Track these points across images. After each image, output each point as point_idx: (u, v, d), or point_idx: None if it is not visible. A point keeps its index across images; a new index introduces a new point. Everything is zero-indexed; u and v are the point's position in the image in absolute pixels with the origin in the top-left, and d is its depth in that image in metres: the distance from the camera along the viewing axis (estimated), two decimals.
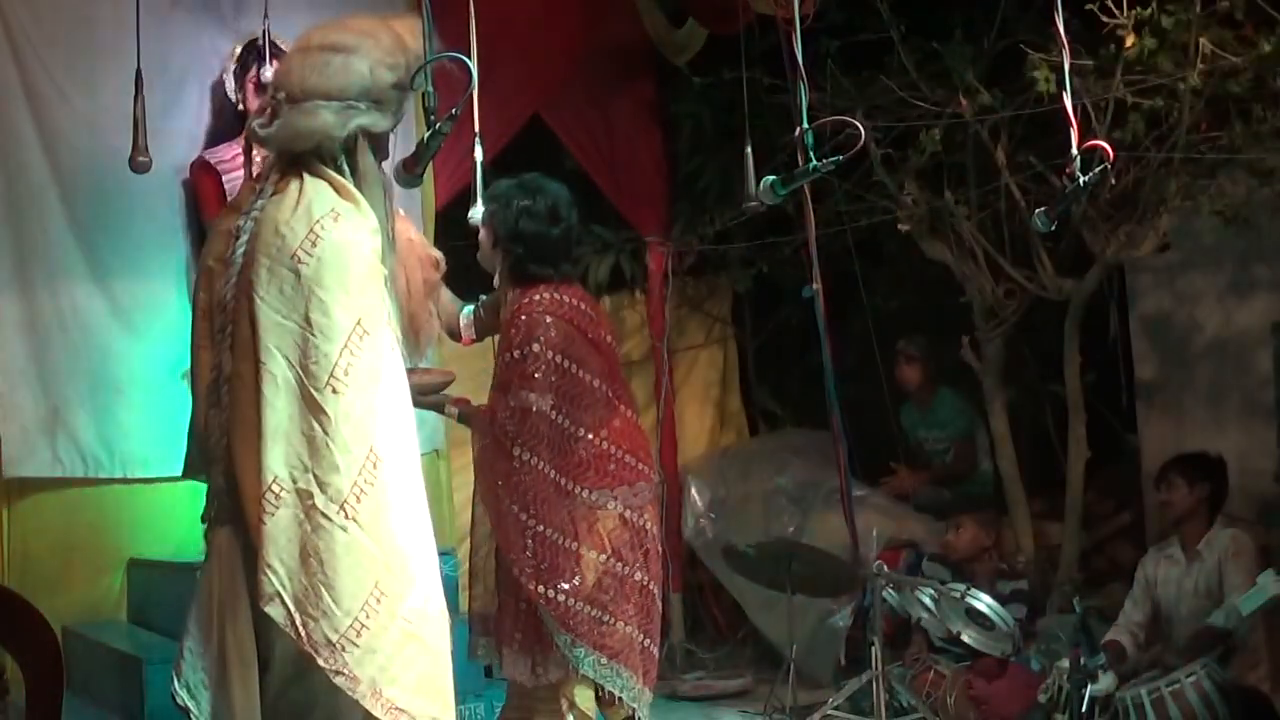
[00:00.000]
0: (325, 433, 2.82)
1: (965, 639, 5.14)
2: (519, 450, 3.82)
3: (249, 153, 3.36)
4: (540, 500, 3.81)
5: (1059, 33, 3.92)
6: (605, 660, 3.79)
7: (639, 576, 3.89)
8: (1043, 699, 4.85)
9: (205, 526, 3.06)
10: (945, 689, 5.18)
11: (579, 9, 6.26)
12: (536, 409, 3.82)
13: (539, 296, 3.93)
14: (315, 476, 2.82)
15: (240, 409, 2.91)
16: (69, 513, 5.33)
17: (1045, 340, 6.66)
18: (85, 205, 5.28)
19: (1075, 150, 3.72)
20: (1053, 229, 4.16)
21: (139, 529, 5.46)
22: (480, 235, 4.08)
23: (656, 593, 3.96)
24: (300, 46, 3.04)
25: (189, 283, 5.40)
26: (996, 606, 5.07)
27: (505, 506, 3.84)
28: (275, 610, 2.82)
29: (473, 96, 3.76)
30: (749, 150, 4.97)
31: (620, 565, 3.86)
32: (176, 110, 5.45)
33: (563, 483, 3.84)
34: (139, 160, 4.56)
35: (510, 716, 4.04)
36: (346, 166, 3.00)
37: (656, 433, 6.77)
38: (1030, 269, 6.08)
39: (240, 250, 2.99)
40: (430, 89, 3.11)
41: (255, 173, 3.21)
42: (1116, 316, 6.43)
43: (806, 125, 3.56)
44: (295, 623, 2.81)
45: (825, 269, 5.68)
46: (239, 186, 4.99)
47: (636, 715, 3.91)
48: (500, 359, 3.94)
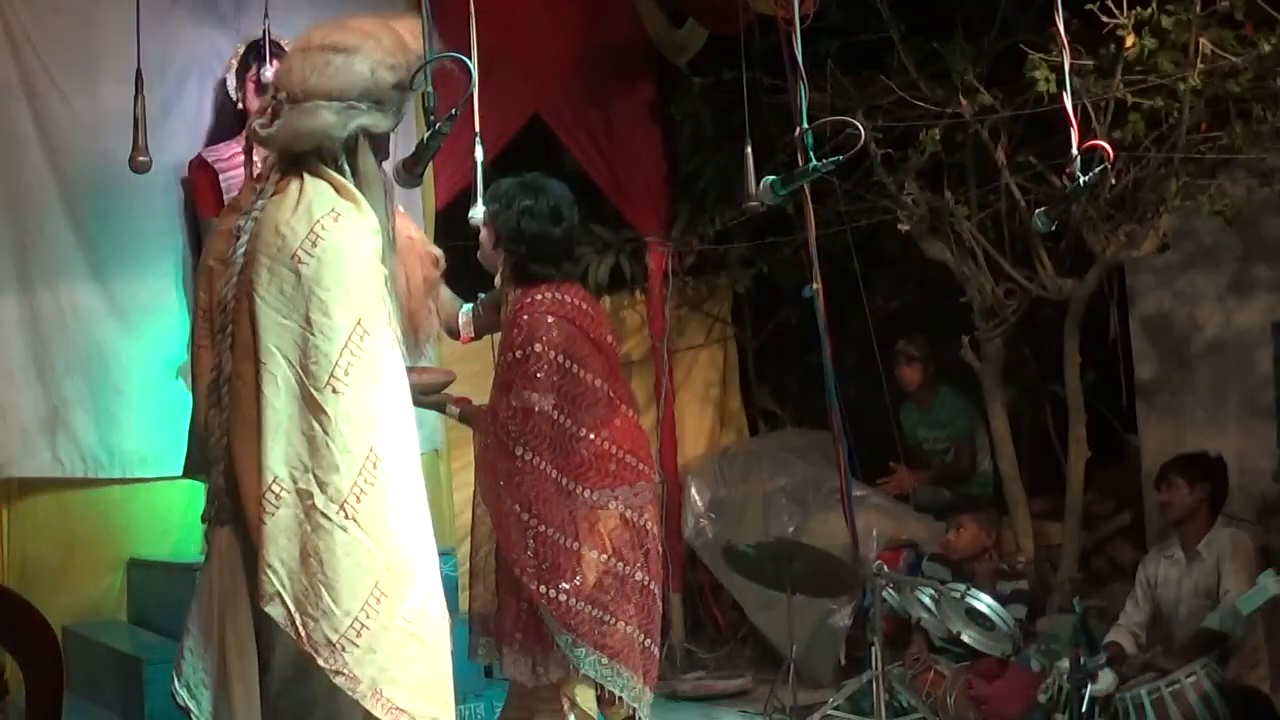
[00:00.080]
0: (325, 432, 2.82)
1: (965, 639, 5.14)
2: (521, 450, 3.82)
3: (249, 153, 3.36)
4: (542, 500, 3.81)
5: (1059, 33, 3.92)
6: (606, 660, 3.79)
7: (640, 576, 3.89)
8: (1043, 699, 4.86)
9: (205, 526, 3.06)
10: (945, 689, 5.18)
11: (579, 9, 6.26)
12: (539, 409, 3.82)
13: (541, 296, 3.93)
14: (315, 476, 2.82)
15: (240, 409, 2.91)
16: (69, 513, 5.33)
17: (1045, 340, 6.67)
18: (85, 205, 5.29)
19: (1075, 150, 3.72)
20: (1053, 229, 4.16)
21: (139, 529, 5.46)
22: (481, 235, 4.08)
23: (657, 592, 3.96)
24: (301, 46, 3.03)
25: (186, 281, 5.41)
26: (996, 606, 5.07)
27: (507, 506, 3.84)
28: (275, 610, 2.82)
29: (473, 96, 3.76)
30: (749, 150, 4.96)
31: (621, 565, 3.86)
32: (176, 110, 5.46)
33: (564, 482, 3.84)
34: (139, 160, 4.55)
35: (510, 716, 4.04)
36: (347, 167, 3.00)
37: (656, 433, 6.77)
38: (1030, 269, 6.08)
39: (241, 250, 2.98)
40: (430, 89, 3.11)
41: (256, 173, 3.19)
42: (1116, 316, 6.43)
43: (806, 125, 3.56)
44: (295, 623, 2.81)
45: (825, 269, 5.68)
46: (236, 185, 5.01)
47: (637, 715, 3.91)
48: (502, 359, 3.94)
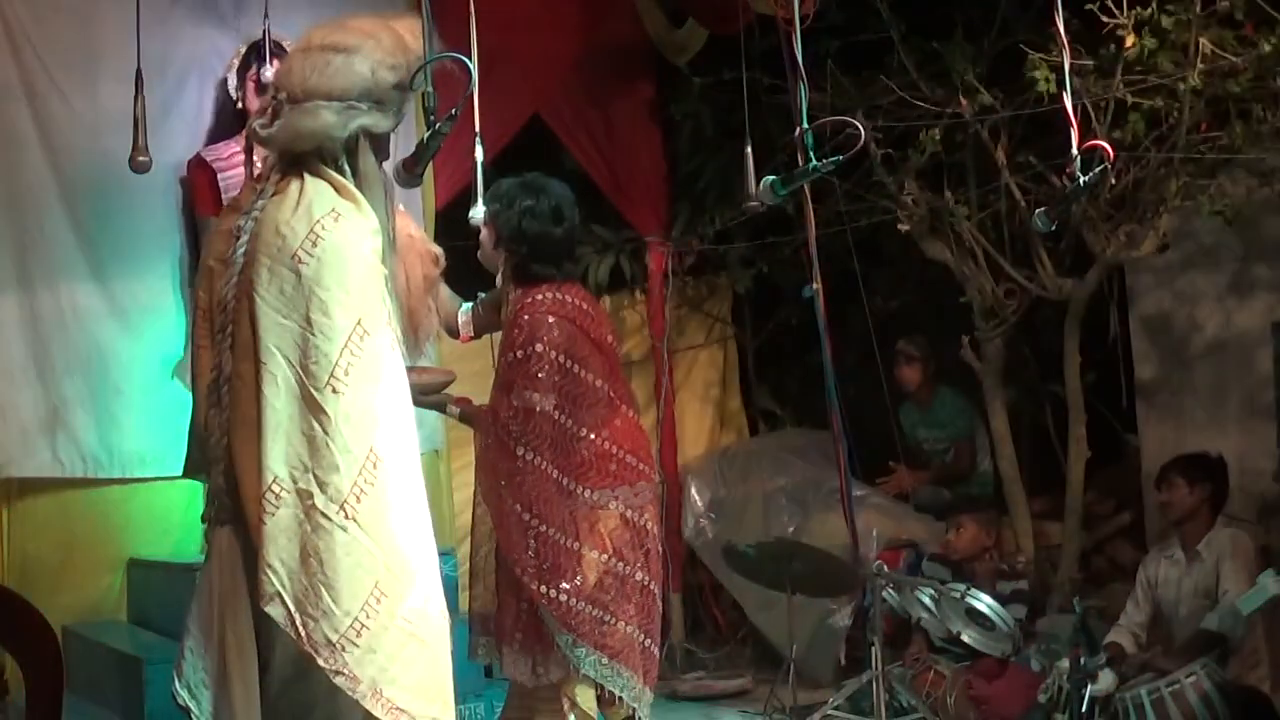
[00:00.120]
0: (325, 432, 2.82)
1: (965, 639, 5.14)
2: (522, 450, 3.82)
3: (250, 153, 3.36)
4: (542, 500, 3.81)
5: (1059, 33, 3.92)
6: (606, 660, 3.79)
7: (640, 576, 3.89)
8: (1043, 699, 4.85)
9: (205, 526, 3.06)
10: (945, 689, 5.18)
11: (579, 9, 6.26)
12: (540, 409, 3.82)
13: (542, 296, 3.93)
14: (315, 476, 2.82)
15: (240, 409, 2.91)
16: (69, 513, 5.33)
17: (1045, 340, 6.67)
18: (85, 205, 5.28)
19: (1075, 150, 3.72)
20: (1053, 229, 4.17)
21: (138, 529, 5.46)
22: (482, 234, 4.08)
23: (657, 592, 3.96)
24: (301, 47, 3.03)
25: (183, 281, 5.41)
26: (996, 606, 5.07)
27: (508, 506, 3.84)
28: (275, 610, 2.82)
29: (473, 96, 3.76)
30: (749, 150, 4.96)
31: (621, 565, 3.86)
32: (176, 109, 5.45)
33: (565, 482, 3.84)
34: (139, 160, 4.55)
35: (511, 716, 4.04)
36: (347, 167, 3.00)
37: (656, 433, 6.77)
38: (1030, 269, 6.08)
39: (241, 250, 2.98)
40: (430, 89, 3.11)
41: (256, 173, 3.19)
42: (1116, 316, 6.42)
43: (806, 125, 3.56)
44: (295, 623, 2.81)
45: (825, 269, 5.68)
46: (234, 185, 5.01)
47: (637, 715, 3.91)
48: (503, 359, 3.94)
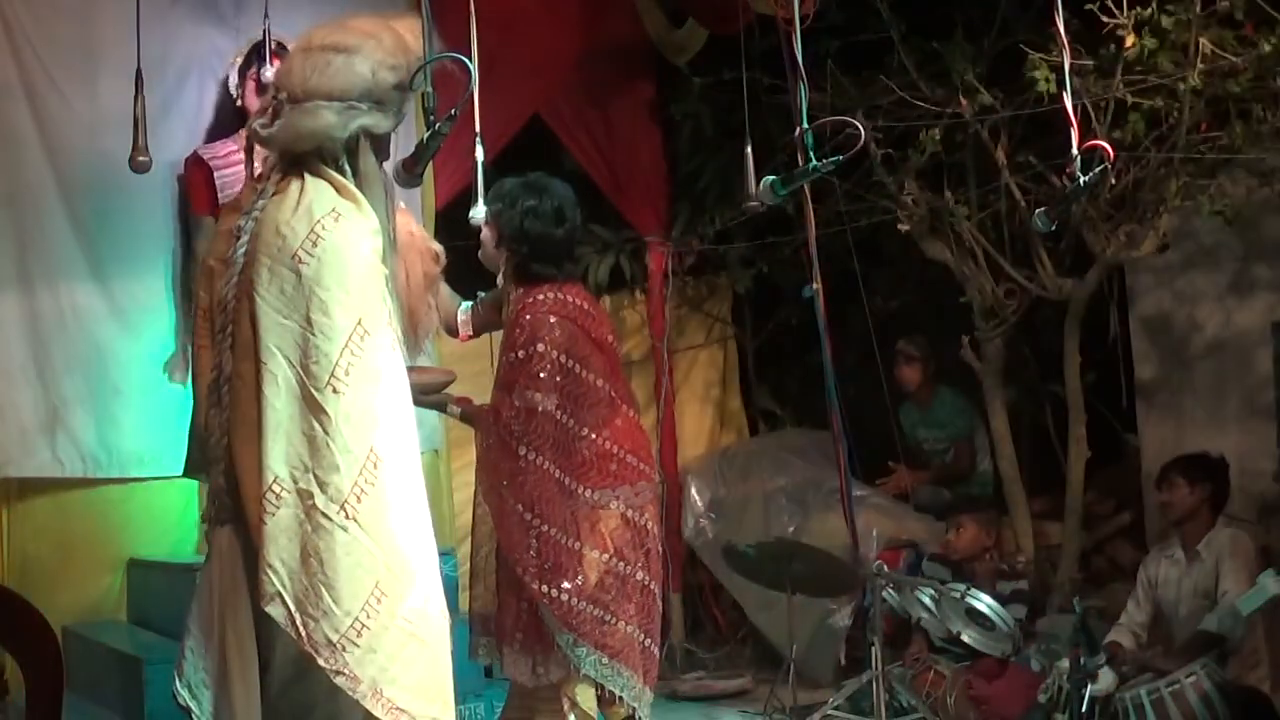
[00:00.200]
0: (326, 432, 2.82)
1: (965, 639, 5.14)
2: (524, 450, 3.82)
3: (250, 153, 3.36)
4: (544, 499, 3.81)
5: (1059, 33, 3.93)
6: (606, 660, 3.79)
7: (640, 576, 3.90)
8: (1043, 699, 4.85)
9: (205, 526, 3.06)
10: (945, 689, 5.18)
11: (579, 9, 6.25)
12: (542, 409, 3.82)
13: (543, 296, 3.93)
14: (316, 476, 2.82)
15: (241, 409, 2.91)
16: (69, 513, 5.33)
17: (1045, 340, 6.67)
18: (85, 204, 5.28)
19: (1075, 150, 3.72)
20: (1053, 229, 4.17)
21: (138, 529, 5.46)
22: (484, 234, 4.08)
23: (657, 592, 3.96)
24: (302, 47, 3.03)
25: (175, 279, 5.40)
26: (996, 606, 5.07)
27: (509, 505, 3.84)
28: (276, 610, 2.82)
29: (473, 96, 3.76)
30: (749, 150, 4.96)
31: (622, 565, 3.86)
32: (176, 108, 5.45)
33: (566, 482, 3.84)
34: (139, 160, 4.56)
35: (511, 716, 4.04)
36: (348, 167, 3.00)
37: (656, 433, 6.77)
38: (1030, 269, 6.08)
39: (241, 250, 2.98)
40: (430, 89, 3.11)
41: (256, 173, 3.19)
42: (1116, 316, 6.43)
43: (806, 125, 3.56)
44: (296, 623, 2.81)
45: (825, 269, 5.68)
46: (231, 183, 5.02)
47: (637, 715, 3.91)
48: (504, 358, 3.94)
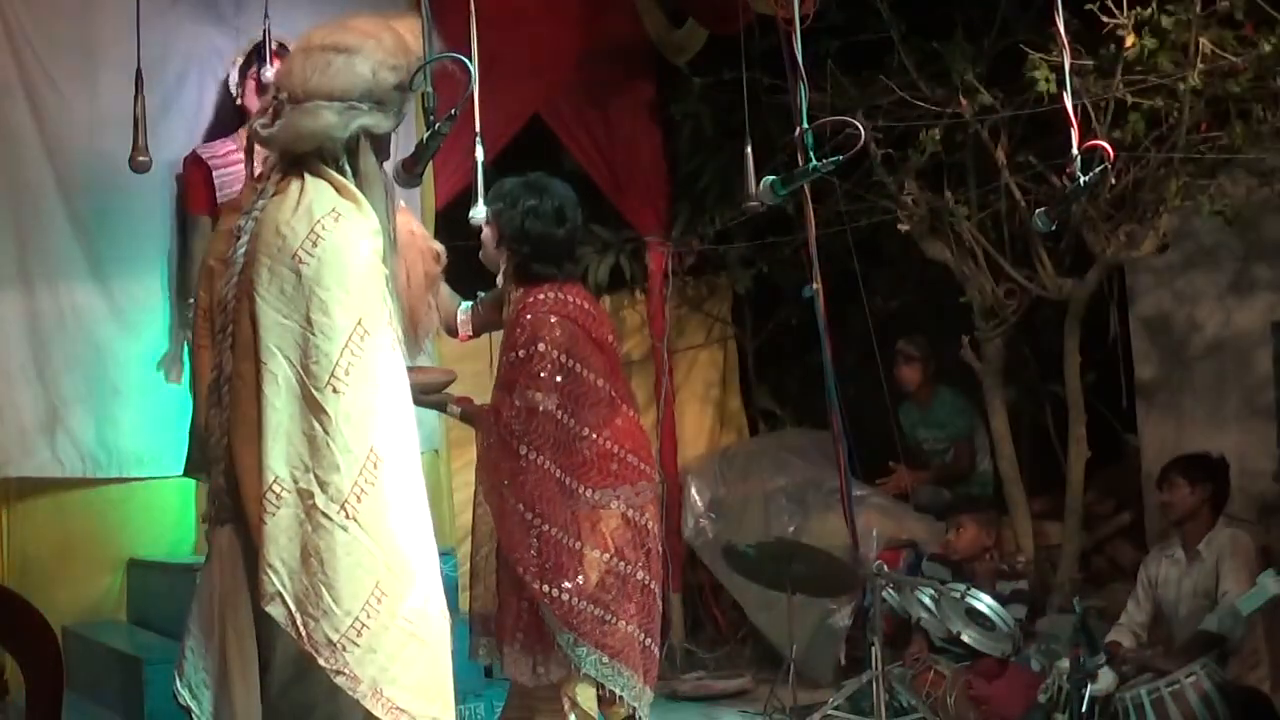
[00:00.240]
0: (326, 432, 2.82)
1: (965, 639, 5.14)
2: (525, 449, 3.83)
3: (250, 153, 3.36)
4: (545, 499, 3.81)
5: (1059, 33, 3.93)
6: (607, 659, 3.79)
7: (641, 576, 3.90)
8: (1043, 699, 4.86)
9: (206, 526, 3.06)
10: (945, 689, 5.18)
11: (579, 9, 6.25)
12: (543, 408, 3.82)
13: (544, 296, 3.93)
14: (316, 476, 2.82)
15: (241, 409, 2.91)
16: (68, 513, 5.33)
17: (1045, 340, 6.67)
18: (85, 204, 5.28)
19: (1075, 150, 3.73)
20: (1053, 229, 4.17)
21: (138, 529, 5.46)
22: (484, 233, 4.08)
23: (658, 592, 3.96)
24: (302, 47, 3.03)
25: (170, 277, 5.40)
26: (996, 606, 5.07)
27: (510, 505, 3.84)
28: (276, 610, 2.82)
29: (473, 96, 3.76)
30: (749, 150, 4.96)
31: (623, 564, 3.86)
32: (176, 108, 5.44)
33: (567, 482, 3.84)
34: (139, 160, 4.56)
35: (511, 716, 4.04)
36: (348, 167, 3.00)
37: (656, 433, 6.77)
38: (1030, 269, 6.08)
39: (241, 250, 2.98)
40: (430, 89, 3.10)
41: (256, 173, 3.19)
42: (1116, 316, 6.42)
43: (806, 125, 3.56)
44: (296, 622, 2.81)
45: (825, 269, 5.68)
46: (229, 182, 5.03)
47: (637, 714, 3.91)
48: (504, 358, 3.94)
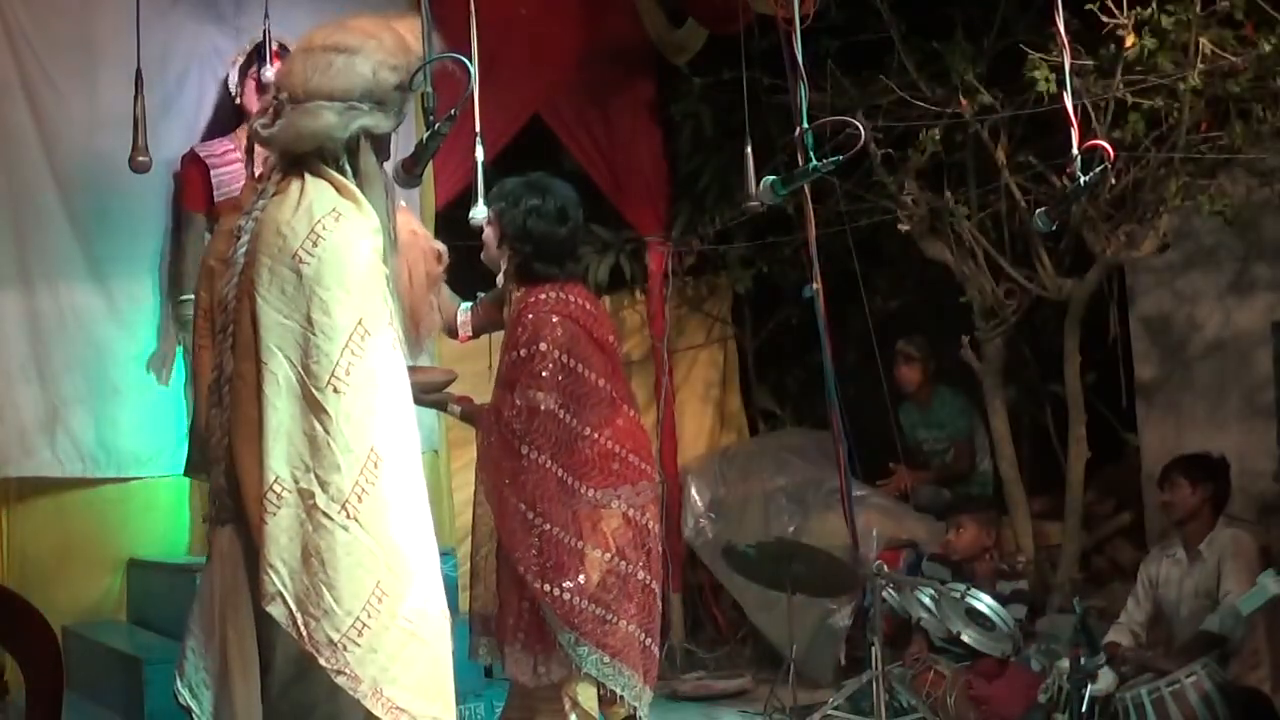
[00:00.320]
0: (327, 432, 2.82)
1: (965, 639, 5.14)
2: (526, 449, 3.83)
3: (250, 153, 3.37)
4: (546, 498, 3.82)
5: (1059, 33, 3.93)
6: (608, 659, 3.79)
7: (641, 575, 3.90)
8: (1043, 699, 4.86)
9: (207, 527, 3.06)
10: (945, 689, 5.18)
11: (579, 9, 6.25)
12: (544, 408, 3.83)
13: (545, 296, 3.93)
14: (317, 476, 2.82)
15: (241, 408, 2.91)
16: (68, 513, 5.34)
17: (1045, 340, 6.67)
18: (84, 204, 5.28)
19: (1075, 150, 3.73)
20: (1053, 229, 4.17)
21: (138, 529, 5.46)
22: (486, 233, 4.08)
23: (658, 592, 3.96)
24: (303, 47, 3.03)
25: (162, 274, 5.40)
26: (996, 606, 5.06)
27: (511, 504, 3.84)
28: (277, 610, 2.82)
29: (473, 96, 3.76)
30: (749, 150, 4.96)
31: (624, 564, 3.86)
32: (176, 108, 5.45)
33: (568, 481, 3.84)
34: (139, 160, 4.56)
35: (511, 716, 4.04)
36: (348, 167, 3.00)
37: (656, 433, 6.76)
38: (1030, 269, 6.08)
39: (241, 250, 2.99)
40: (429, 89, 3.10)
41: (257, 173, 3.19)
42: (1116, 316, 6.42)
43: (806, 125, 3.56)
44: (297, 622, 2.81)
45: (825, 269, 5.67)
46: (227, 181, 5.05)
47: (637, 714, 3.91)
48: (506, 357, 3.94)
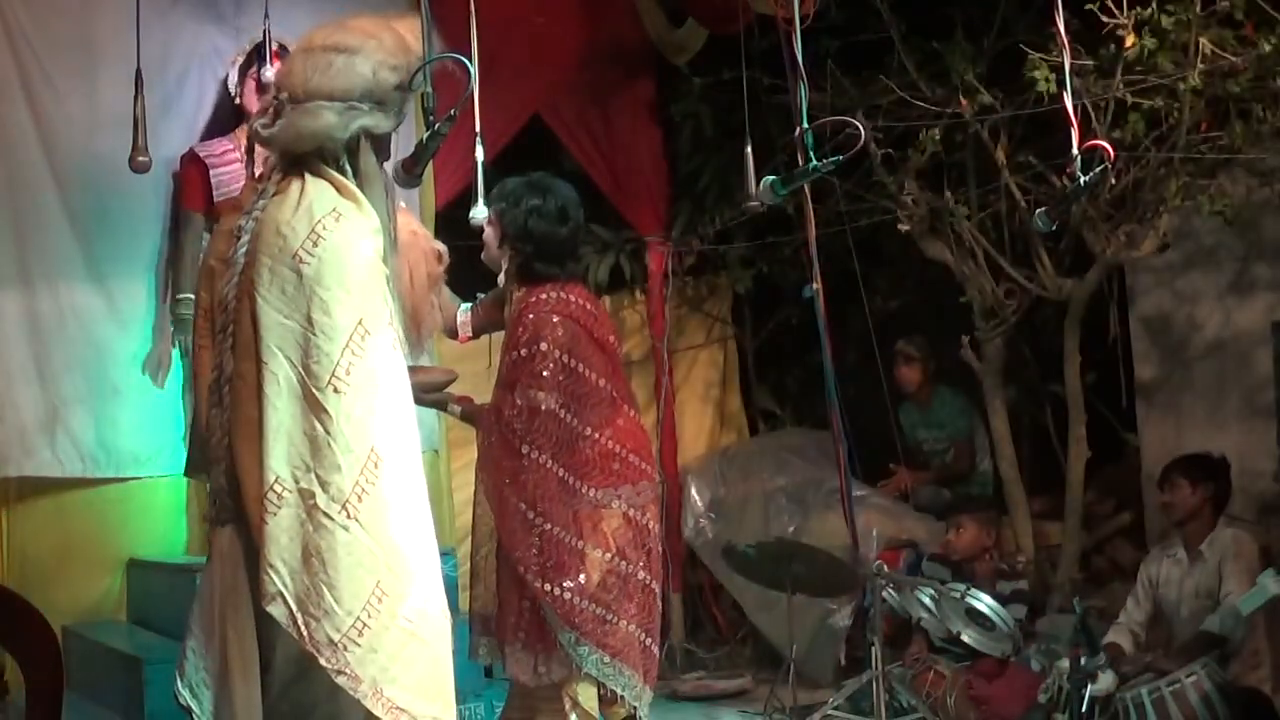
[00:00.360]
0: (327, 432, 2.82)
1: (965, 639, 5.14)
2: (527, 448, 3.83)
3: (251, 153, 3.38)
4: (547, 498, 3.82)
5: (1059, 33, 3.93)
6: (608, 659, 3.80)
7: (642, 575, 3.90)
8: (1043, 699, 4.85)
9: (207, 527, 3.06)
10: (945, 689, 5.17)
11: (579, 9, 6.25)
12: (545, 407, 3.83)
13: (546, 296, 3.94)
14: (317, 476, 2.82)
15: (242, 408, 2.91)
16: (68, 513, 5.33)
17: (1045, 340, 6.67)
18: (84, 204, 5.28)
19: (1075, 150, 3.73)
20: (1053, 229, 4.17)
21: (138, 529, 5.46)
22: (486, 233, 4.08)
23: (658, 592, 3.96)
24: (303, 47, 3.04)
25: (159, 272, 5.39)
26: (996, 607, 5.06)
27: (512, 504, 3.84)
28: (277, 610, 2.82)
29: (473, 96, 3.76)
30: (749, 150, 4.96)
31: (624, 564, 3.86)
32: (176, 108, 5.45)
33: (569, 481, 3.85)
34: (139, 160, 4.56)
35: (511, 716, 4.04)
36: (349, 167, 3.00)
37: (656, 433, 6.76)
38: (1030, 269, 6.08)
39: (242, 250, 2.99)
40: (430, 89, 3.11)
41: (257, 173, 3.19)
42: (1116, 316, 6.42)
43: (806, 125, 3.56)
44: (297, 622, 2.81)
45: (825, 269, 5.67)
46: (226, 181, 5.05)
47: (637, 714, 3.91)
48: (506, 357, 3.94)
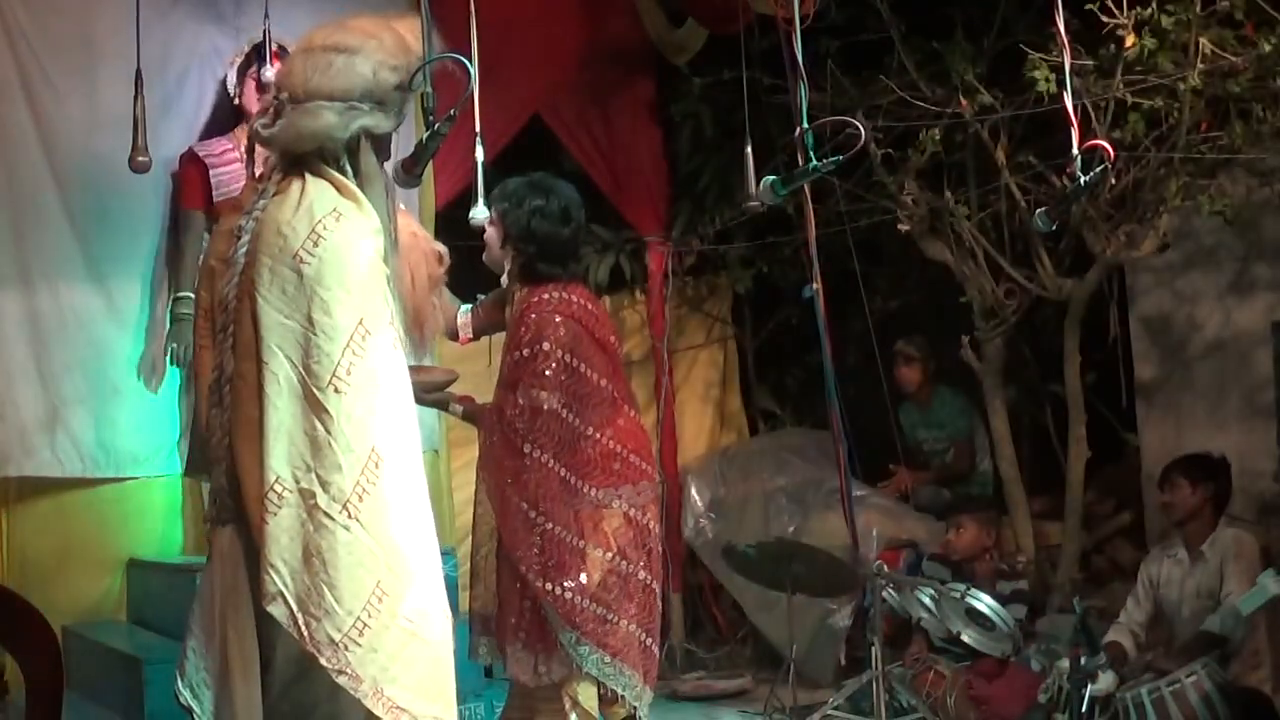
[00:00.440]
0: (328, 432, 2.82)
1: (965, 639, 5.14)
2: (529, 448, 3.83)
3: (251, 153, 3.38)
4: (548, 497, 3.82)
5: (1059, 33, 3.94)
6: (608, 659, 3.80)
7: (642, 575, 3.90)
8: (1043, 699, 4.86)
9: (208, 527, 3.06)
10: (945, 689, 5.18)
11: (579, 9, 6.25)
12: (547, 407, 3.83)
13: (548, 296, 3.94)
14: (318, 476, 2.82)
15: (242, 408, 2.91)
16: (68, 513, 5.33)
17: (1045, 340, 6.67)
18: (84, 204, 5.28)
19: (1075, 150, 3.73)
20: (1053, 229, 4.17)
21: (138, 529, 5.46)
22: (488, 233, 4.08)
23: (658, 592, 3.97)
24: (303, 47, 3.04)
25: (157, 271, 5.39)
26: (996, 606, 5.06)
27: (513, 503, 3.85)
28: (278, 609, 2.82)
29: (473, 96, 3.76)
30: (749, 150, 4.96)
31: (625, 564, 3.87)
32: (176, 108, 5.44)
33: (570, 480, 3.85)
34: (139, 160, 4.56)
35: (512, 716, 4.04)
36: (349, 167, 3.00)
37: (656, 433, 6.76)
38: (1030, 269, 6.08)
39: (242, 250, 2.99)
40: (430, 89, 3.11)
41: (257, 173, 3.19)
42: (1116, 316, 6.42)
43: (806, 125, 3.57)
44: (298, 622, 2.81)
45: (825, 269, 5.67)
46: (226, 180, 5.05)
47: (637, 714, 3.91)
48: (508, 357, 3.94)
